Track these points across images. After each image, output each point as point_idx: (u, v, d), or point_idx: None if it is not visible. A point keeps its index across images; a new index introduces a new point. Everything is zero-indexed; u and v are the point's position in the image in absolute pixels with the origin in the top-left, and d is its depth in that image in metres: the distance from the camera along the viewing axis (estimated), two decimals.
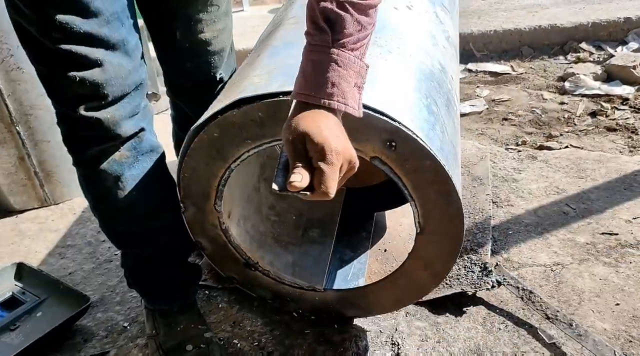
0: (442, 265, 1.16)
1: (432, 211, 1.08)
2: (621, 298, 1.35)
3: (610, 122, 2.34)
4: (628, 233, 1.57)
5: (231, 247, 1.29)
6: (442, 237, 1.12)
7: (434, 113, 1.10)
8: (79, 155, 1.12)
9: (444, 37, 1.42)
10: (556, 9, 3.48)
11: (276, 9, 4.98)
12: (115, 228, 1.23)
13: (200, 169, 1.16)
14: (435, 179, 1.03)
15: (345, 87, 0.79)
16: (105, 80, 1.01)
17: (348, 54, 0.79)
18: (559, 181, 1.87)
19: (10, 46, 1.86)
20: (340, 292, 1.33)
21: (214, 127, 1.07)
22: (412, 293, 1.25)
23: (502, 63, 3.21)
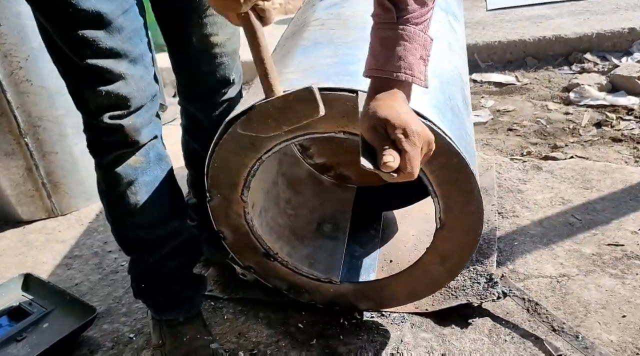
0: (457, 261, 1.20)
1: (453, 207, 1.12)
2: (628, 309, 1.34)
3: (615, 133, 2.34)
4: (634, 244, 1.56)
5: (253, 236, 1.33)
6: (461, 233, 1.15)
7: (457, 115, 1.15)
8: (99, 159, 1.19)
9: (458, 44, 1.46)
10: (560, 19, 3.49)
11: (282, 20, 5.02)
12: (125, 234, 1.27)
13: (231, 159, 1.20)
14: (459, 177, 1.08)
15: (412, 59, 0.84)
16: (129, 92, 1.09)
17: (412, 28, 0.84)
18: (564, 192, 1.87)
19: (20, 59, 1.89)
20: (356, 285, 1.35)
21: (250, 116, 1.08)
22: (426, 287, 1.29)
23: (506, 73, 3.21)
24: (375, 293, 1.35)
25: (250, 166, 1.20)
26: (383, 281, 1.32)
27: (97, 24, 1.02)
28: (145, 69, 1.13)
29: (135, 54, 1.09)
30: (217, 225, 1.33)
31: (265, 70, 0.93)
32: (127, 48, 1.07)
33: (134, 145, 1.15)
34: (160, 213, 1.25)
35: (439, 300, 1.44)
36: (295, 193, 1.65)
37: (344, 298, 1.38)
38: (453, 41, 1.45)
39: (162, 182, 1.23)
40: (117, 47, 1.06)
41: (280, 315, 1.46)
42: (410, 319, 1.40)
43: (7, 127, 1.98)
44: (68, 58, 1.06)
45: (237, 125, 1.10)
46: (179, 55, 1.40)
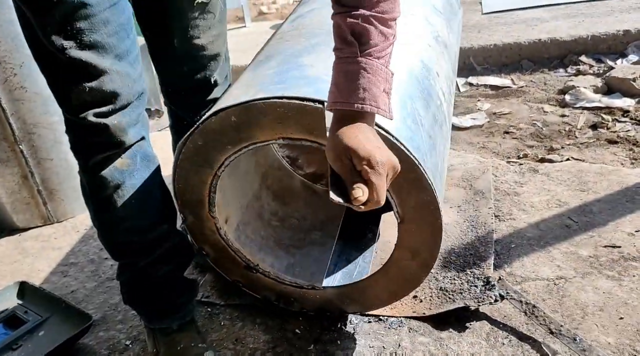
0: (428, 254, 1.19)
1: (407, 200, 1.12)
2: (625, 311, 1.34)
3: (611, 135, 2.34)
4: (631, 246, 1.56)
5: (231, 250, 1.35)
6: (421, 224, 1.15)
7: (406, 106, 1.14)
8: (84, 162, 1.16)
9: (432, 37, 1.49)
10: (555, 22, 3.50)
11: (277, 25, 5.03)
12: (114, 238, 1.25)
13: (191, 178, 1.23)
14: (405, 167, 1.05)
15: (376, 91, 0.85)
16: (114, 88, 1.06)
17: (375, 62, 0.85)
18: (560, 194, 1.87)
19: (14, 66, 1.89)
20: (339, 289, 1.34)
21: (197, 135, 1.16)
22: (404, 285, 1.29)
23: (502, 76, 3.22)
24: (359, 295, 1.34)
25: (209, 183, 1.23)
26: (363, 282, 1.31)
27: (81, 16, 0.98)
28: (131, 66, 1.09)
29: (121, 49, 1.06)
30: (197, 243, 1.36)
31: None
32: (113, 42, 1.04)
33: (120, 145, 1.12)
34: (149, 217, 1.22)
35: (437, 303, 1.44)
36: (282, 205, 1.67)
37: (331, 303, 1.39)
38: (425, 33, 1.49)
39: (150, 185, 1.20)
40: (102, 41, 1.02)
41: (278, 320, 1.45)
42: (407, 323, 1.39)
43: (2, 134, 1.97)
44: (50, 53, 1.02)
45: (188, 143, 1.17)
46: (160, 55, 1.39)
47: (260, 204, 1.59)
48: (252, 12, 5.75)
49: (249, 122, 1.11)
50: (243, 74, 1.31)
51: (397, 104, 1.12)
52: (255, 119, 1.10)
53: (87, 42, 1.00)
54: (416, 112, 1.18)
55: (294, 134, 1.11)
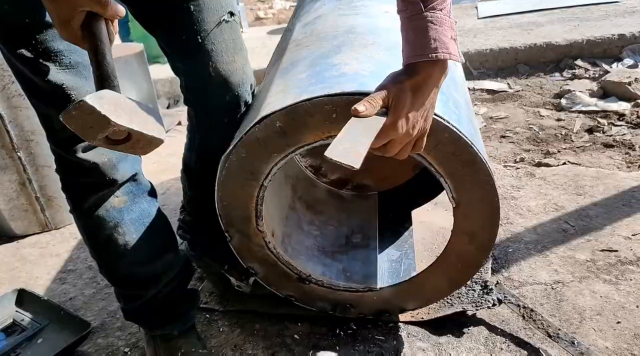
0: (486, 235, 1.18)
1: (462, 182, 1.12)
2: (622, 316, 1.35)
3: (607, 138, 2.36)
4: (628, 250, 1.57)
5: (281, 264, 1.33)
6: (478, 205, 1.14)
7: (443, 91, 1.14)
8: (77, 203, 1.11)
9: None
10: (551, 26, 3.53)
11: (275, 30, 5.05)
12: (117, 274, 1.22)
13: (236, 194, 1.21)
14: (457, 150, 1.08)
15: (445, 39, 0.89)
16: None
17: (439, 14, 0.88)
18: (557, 198, 1.88)
19: (12, 73, 1.88)
20: (396, 287, 1.33)
21: (240, 147, 1.14)
22: (464, 271, 1.26)
23: (498, 81, 3.24)
24: (417, 290, 1.32)
25: (256, 195, 1.22)
26: (421, 276, 1.29)
27: (57, 36, 0.91)
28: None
29: None
30: (245, 262, 1.35)
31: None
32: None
33: (113, 184, 1.08)
34: (152, 249, 1.19)
35: (435, 308, 1.44)
36: (316, 214, 1.67)
37: (389, 303, 1.36)
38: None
39: (150, 217, 1.18)
40: (82, 62, 0.96)
41: (277, 326, 1.46)
42: (406, 328, 1.40)
43: (0, 142, 1.97)
44: (31, 80, 0.96)
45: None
46: (196, 89, 1.26)
47: (297, 215, 1.60)
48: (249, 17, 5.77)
49: (295, 126, 1.09)
50: (270, 82, 1.28)
51: None
52: (302, 122, 1.08)
53: (66, 63, 0.95)
54: (451, 95, 1.19)
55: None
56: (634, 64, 3.04)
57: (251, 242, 1.30)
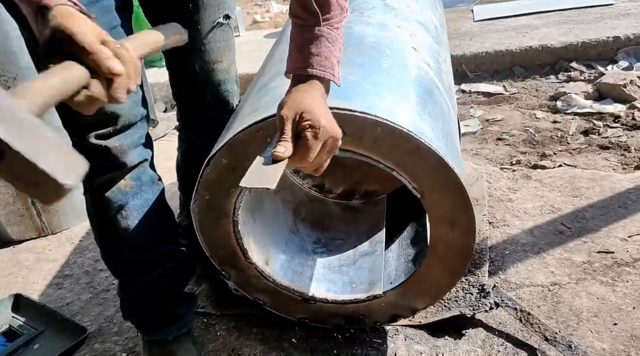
0: (464, 217, 1.15)
1: (416, 171, 1.10)
2: (619, 317, 1.35)
3: (602, 140, 2.37)
4: (624, 252, 1.57)
5: (282, 290, 1.34)
6: (443, 189, 1.12)
7: (378, 83, 1.15)
8: (88, 183, 1.17)
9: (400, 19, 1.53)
10: (546, 29, 3.54)
11: (272, 34, 5.05)
12: (116, 256, 1.25)
13: (215, 234, 1.25)
14: (397, 141, 1.06)
15: (333, 60, 0.92)
16: (114, 109, 1.06)
17: (334, 33, 0.92)
18: (553, 200, 1.88)
19: (8, 78, 1.89)
20: (399, 289, 1.32)
21: (202, 190, 1.19)
22: (458, 258, 1.24)
23: (494, 83, 3.25)
24: (421, 287, 1.31)
25: (232, 231, 1.25)
26: (419, 272, 1.28)
27: None
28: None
29: None
30: (250, 295, 1.37)
31: None
32: None
33: (122, 167, 1.13)
34: (152, 237, 1.23)
35: (432, 311, 1.44)
36: (323, 231, 1.68)
37: (399, 306, 1.35)
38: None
39: (153, 205, 1.22)
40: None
41: (274, 330, 1.45)
42: (403, 332, 1.40)
43: None
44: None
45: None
46: (181, 84, 1.39)
47: (300, 237, 1.61)
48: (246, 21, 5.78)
49: (239, 159, 1.12)
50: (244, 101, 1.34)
51: (366, 79, 1.13)
52: (244, 153, 1.11)
53: None
54: (394, 76, 1.19)
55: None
56: (629, 66, 3.05)
57: (247, 274, 1.33)
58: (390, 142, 1.06)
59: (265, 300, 1.38)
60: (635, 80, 2.74)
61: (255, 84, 1.36)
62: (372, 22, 1.42)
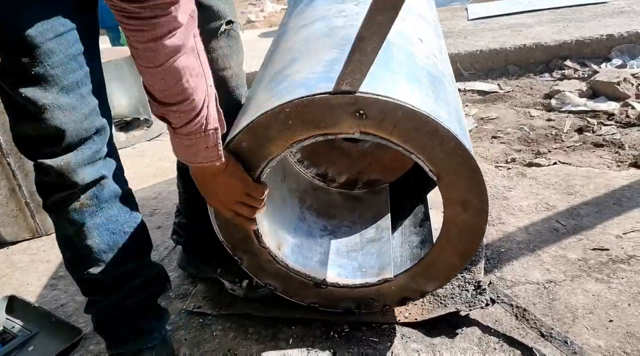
0: (477, 199, 1.18)
1: (433, 153, 1.12)
2: (614, 314, 1.35)
3: (597, 138, 2.37)
4: (619, 249, 1.58)
5: (294, 274, 1.35)
6: (458, 171, 1.14)
7: (393, 69, 1.17)
8: (44, 201, 1.11)
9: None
10: (540, 27, 3.55)
11: (266, 33, 5.04)
12: (79, 275, 1.19)
13: (229, 219, 1.24)
14: (417, 124, 1.08)
15: (204, 153, 1.05)
16: (57, 124, 0.99)
17: (177, 138, 1.03)
18: (548, 197, 1.88)
19: None
20: (409, 272, 1.33)
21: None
22: (470, 240, 1.25)
23: (489, 82, 3.25)
24: (431, 270, 1.32)
25: None
26: (429, 255, 1.29)
27: (20, 48, 0.92)
28: (82, 99, 1.01)
29: (68, 82, 0.98)
30: (262, 280, 1.38)
31: None
32: (57, 74, 0.96)
33: (73, 186, 1.05)
34: (119, 255, 1.15)
35: (428, 309, 1.44)
36: (329, 219, 1.69)
37: (408, 289, 1.36)
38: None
39: (118, 222, 1.15)
40: (44, 73, 0.95)
41: (271, 330, 1.45)
42: (400, 330, 1.40)
43: None
44: (1, 88, 0.97)
45: None
46: None
47: (307, 224, 1.62)
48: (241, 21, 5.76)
49: (259, 142, 1.14)
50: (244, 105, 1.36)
51: (381, 66, 1.13)
52: (265, 136, 1.13)
53: (30, 76, 0.94)
54: (409, 71, 1.20)
55: (303, 135, 1.13)
56: (622, 63, 3.06)
57: (260, 259, 1.33)
58: (409, 125, 1.08)
59: (276, 286, 1.38)
60: (629, 78, 2.75)
61: (263, 75, 1.35)
62: None
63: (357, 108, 1.06)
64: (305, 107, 1.08)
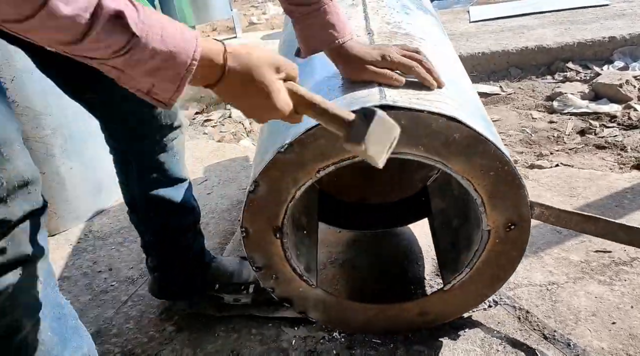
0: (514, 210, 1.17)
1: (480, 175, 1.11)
2: (617, 316, 1.36)
3: (599, 140, 2.38)
4: (621, 251, 1.58)
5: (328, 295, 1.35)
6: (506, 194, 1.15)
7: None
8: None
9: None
10: (542, 29, 3.55)
11: (268, 35, 5.05)
12: None
13: (263, 248, 1.23)
14: (470, 143, 1.07)
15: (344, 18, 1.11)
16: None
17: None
18: (550, 200, 1.89)
19: (5, 80, 1.88)
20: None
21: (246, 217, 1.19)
22: (506, 269, 1.24)
23: (491, 84, 3.26)
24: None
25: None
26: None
27: None
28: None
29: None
30: (309, 314, 1.36)
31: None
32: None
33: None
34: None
35: None
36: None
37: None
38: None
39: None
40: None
41: (274, 331, 1.46)
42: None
43: None
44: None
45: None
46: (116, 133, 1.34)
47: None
48: (243, 23, 5.78)
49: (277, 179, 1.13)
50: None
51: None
52: (279, 177, 1.12)
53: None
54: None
55: (327, 162, 1.11)
56: (624, 66, 3.07)
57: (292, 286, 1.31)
58: (464, 143, 1.07)
59: (318, 316, 1.38)
60: (631, 80, 2.75)
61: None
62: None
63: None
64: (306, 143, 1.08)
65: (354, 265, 1.73)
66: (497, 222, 1.17)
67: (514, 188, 1.13)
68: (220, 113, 3.44)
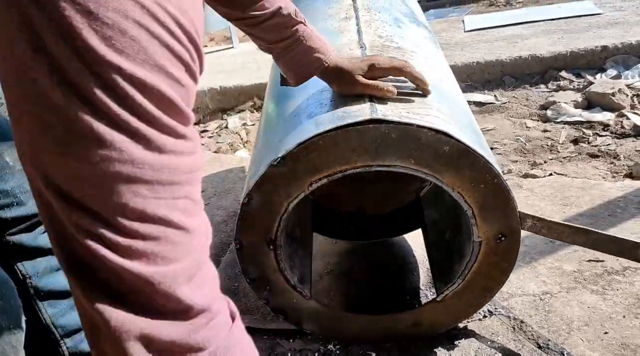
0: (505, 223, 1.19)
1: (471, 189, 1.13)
2: (610, 326, 1.37)
3: (592, 149, 2.40)
4: (614, 260, 1.59)
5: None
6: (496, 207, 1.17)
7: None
8: None
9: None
10: (535, 39, 3.59)
11: None
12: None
13: (258, 262, 1.25)
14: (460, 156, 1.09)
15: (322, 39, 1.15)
16: None
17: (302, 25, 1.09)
18: (544, 209, 1.90)
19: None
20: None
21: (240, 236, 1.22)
22: (497, 279, 1.26)
23: (485, 93, 3.28)
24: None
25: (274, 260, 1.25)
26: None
27: None
28: None
29: None
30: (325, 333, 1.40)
31: None
32: None
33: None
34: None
35: None
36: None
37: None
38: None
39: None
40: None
41: (269, 342, 1.46)
42: (396, 343, 1.41)
43: None
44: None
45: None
46: None
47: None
48: (239, 33, 5.79)
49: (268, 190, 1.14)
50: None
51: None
52: (269, 191, 1.14)
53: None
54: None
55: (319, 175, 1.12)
56: (617, 74, 3.09)
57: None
58: (454, 156, 1.09)
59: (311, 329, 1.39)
60: (624, 89, 2.78)
61: (282, 108, 1.32)
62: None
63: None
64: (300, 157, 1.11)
65: (349, 275, 1.74)
66: (488, 233, 1.18)
67: (504, 201, 1.15)
68: (217, 124, 3.46)
